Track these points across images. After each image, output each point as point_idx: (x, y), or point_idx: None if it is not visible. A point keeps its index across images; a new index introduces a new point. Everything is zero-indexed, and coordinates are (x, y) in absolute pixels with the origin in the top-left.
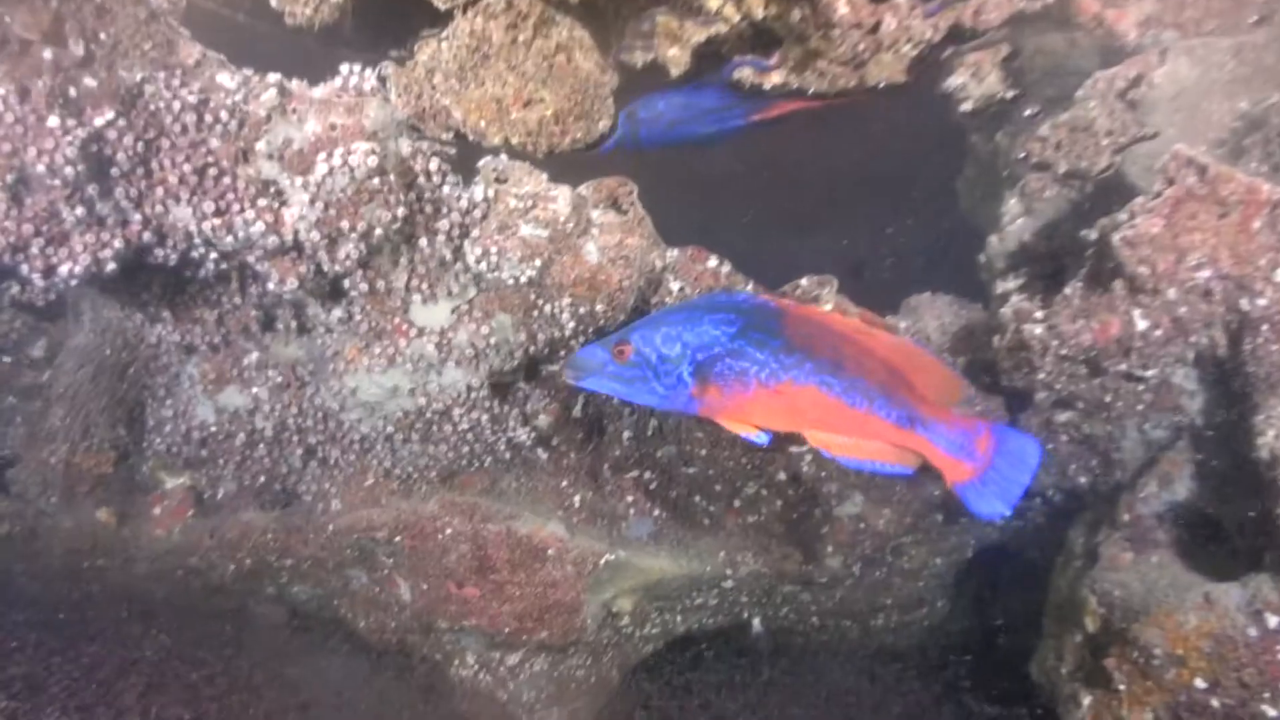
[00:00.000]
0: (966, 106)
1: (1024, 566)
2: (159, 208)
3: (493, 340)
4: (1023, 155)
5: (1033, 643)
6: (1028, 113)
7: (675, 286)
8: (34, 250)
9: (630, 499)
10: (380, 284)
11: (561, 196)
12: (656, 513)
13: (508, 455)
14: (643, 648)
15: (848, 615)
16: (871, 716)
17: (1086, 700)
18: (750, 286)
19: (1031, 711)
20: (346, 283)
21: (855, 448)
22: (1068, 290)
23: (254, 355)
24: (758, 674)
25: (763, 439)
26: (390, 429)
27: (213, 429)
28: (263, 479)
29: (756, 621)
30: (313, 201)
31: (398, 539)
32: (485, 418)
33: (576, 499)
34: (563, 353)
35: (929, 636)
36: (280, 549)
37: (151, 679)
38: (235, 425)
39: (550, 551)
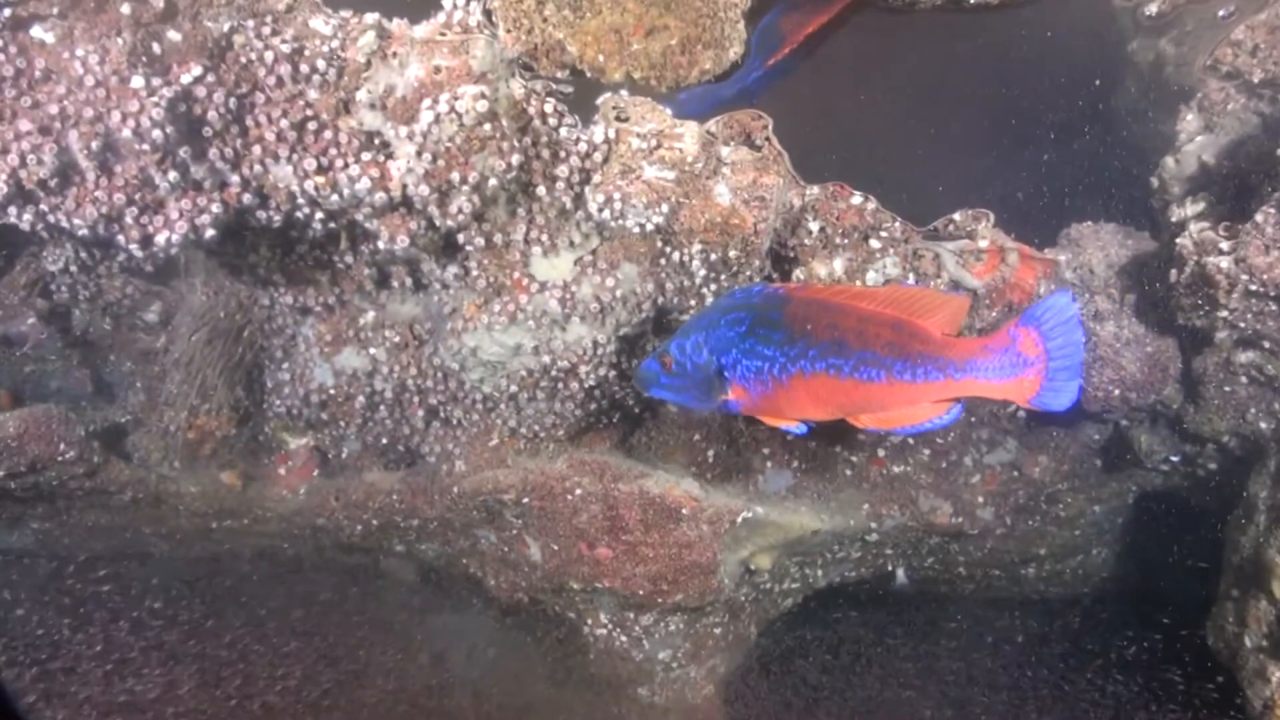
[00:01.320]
0: (1151, 10)
1: (1193, 516)
2: (257, 167)
3: (619, 293)
4: (1210, 62)
5: (1200, 598)
6: (1222, 13)
7: (815, 227)
8: (128, 220)
9: (766, 451)
10: (497, 237)
11: (689, 134)
12: (794, 464)
13: (637, 410)
14: (782, 602)
15: (997, 565)
16: (1017, 674)
17: (1275, 675)
18: (896, 224)
19: (1202, 675)
20: (461, 237)
21: (904, 417)
22: (1258, 218)
23: (370, 315)
24: (902, 622)
25: (801, 429)
26: (514, 388)
27: (331, 391)
28: (385, 440)
29: (900, 572)
30: (420, 153)
31: (525, 500)
32: (613, 374)
33: (710, 453)
34: (693, 302)
35: (1084, 585)
36: (406, 510)
37: (285, 626)
38: (354, 387)
39: (684, 511)
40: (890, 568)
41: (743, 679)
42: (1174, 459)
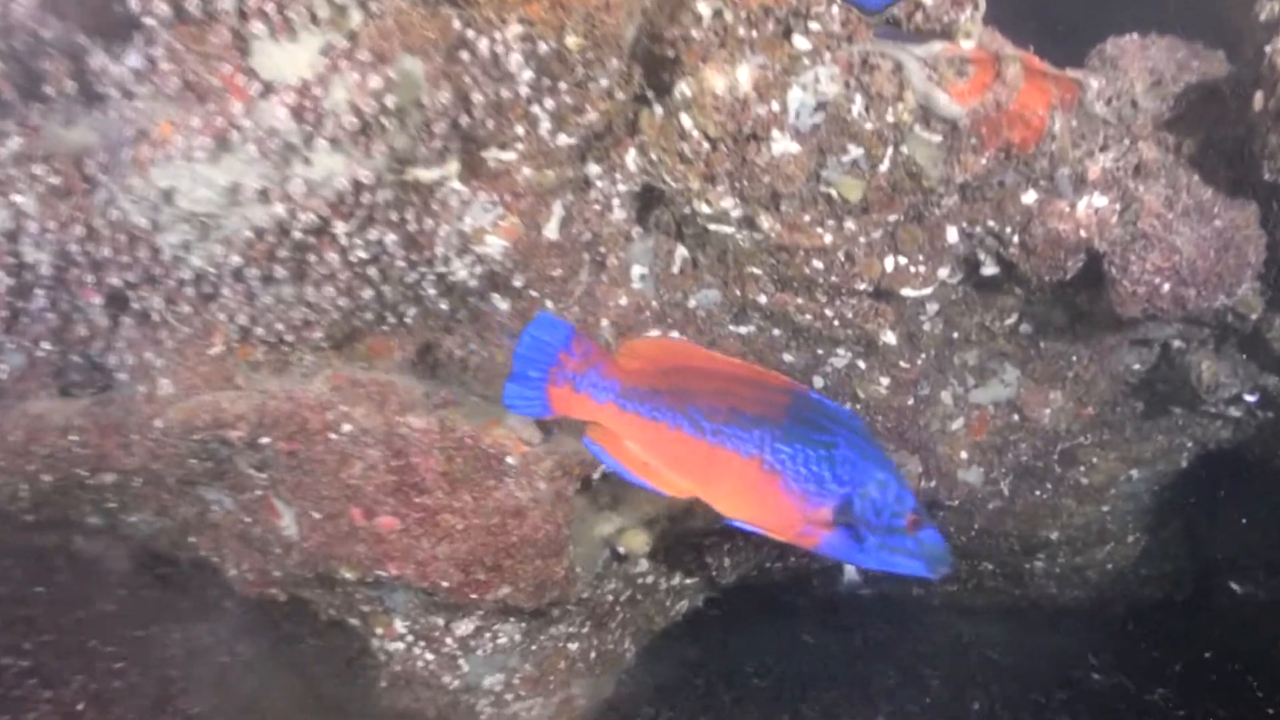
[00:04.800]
0: None
1: (1264, 483)
2: None
3: (392, 103)
4: None
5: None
6: None
7: (706, 10)
8: None
9: None
10: (194, 2)
11: None
12: None
13: (443, 305)
14: (673, 606)
15: (989, 555)
16: None
17: None
18: (834, 8)
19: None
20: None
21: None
22: None
23: (12, 141)
24: (850, 646)
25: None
26: (237, 259)
27: None
28: (51, 346)
29: (849, 568)
30: None
31: (266, 440)
32: (393, 239)
33: None
34: (522, 130)
35: (1115, 587)
36: (94, 458)
37: None
38: None
39: (511, 460)
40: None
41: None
42: (1250, 398)
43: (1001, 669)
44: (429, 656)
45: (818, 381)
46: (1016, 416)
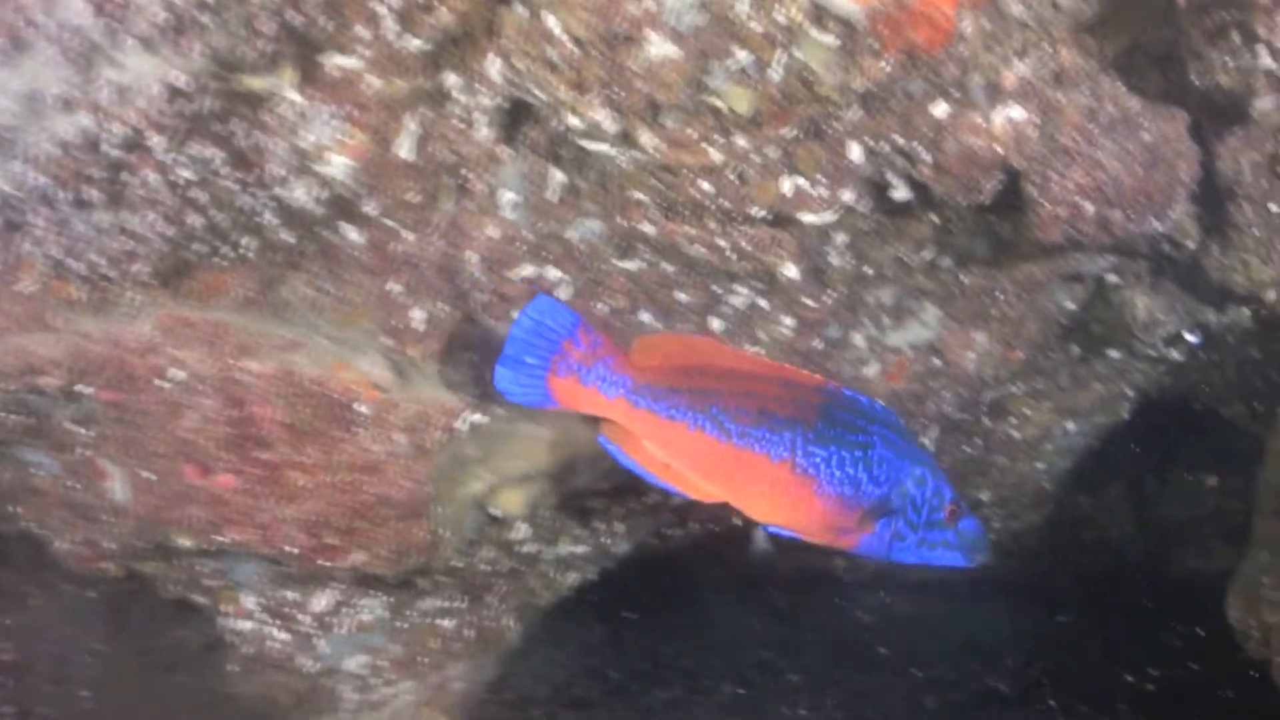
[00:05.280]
0: None
1: (1215, 437)
2: None
3: None
4: None
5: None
6: None
7: None
8: None
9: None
10: None
11: None
12: None
13: (287, 236)
14: (560, 578)
15: None
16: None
17: None
18: None
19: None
20: None
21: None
22: None
23: None
24: (767, 620)
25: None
26: (42, 180)
27: None
28: None
29: (759, 533)
30: None
31: (85, 388)
32: (221, 156)
33: (417, 314)
34: (366, 33)
35: (1055, 556)
36: None
37: None
38: None
39: (363, 408)
40: (735, 518)
41: (499, 708)
42: (1191, 338)
43: (933, 649)
44: (283, 636)
45: (715, 324)
46: (937, 361)
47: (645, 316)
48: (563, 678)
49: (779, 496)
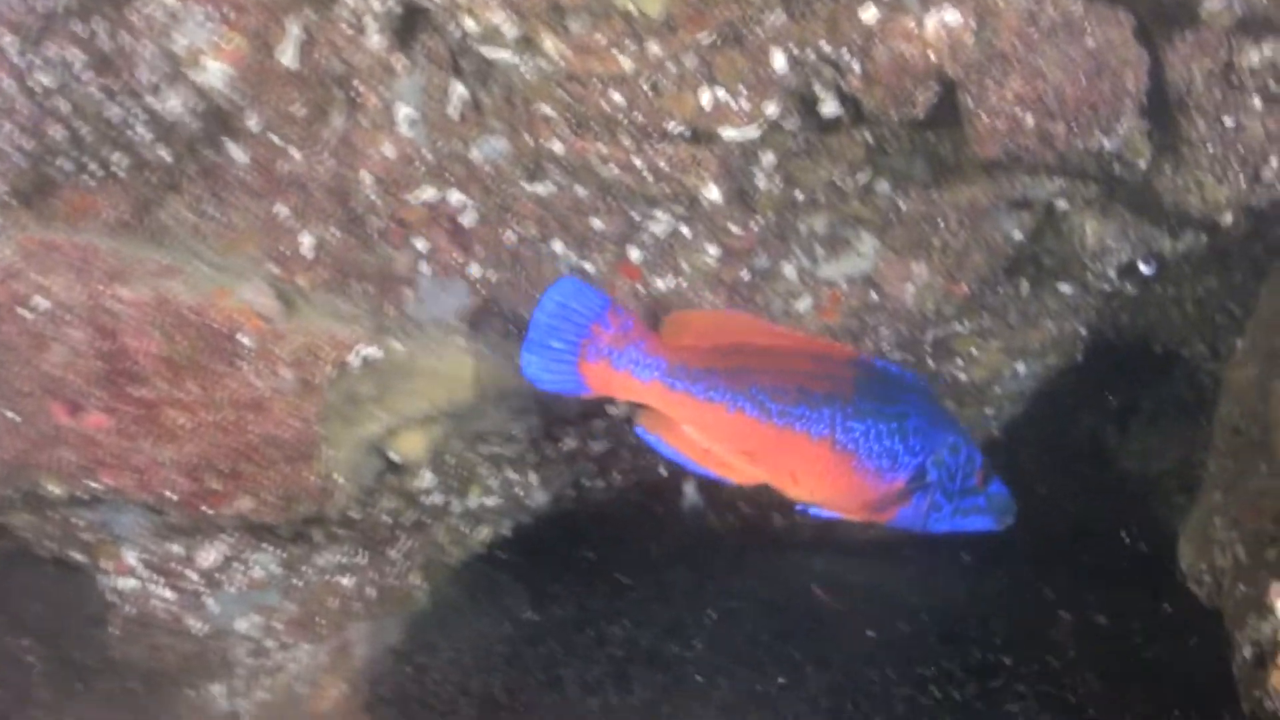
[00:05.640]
0: None
1: (1176, 380)
2: None
3: None
4: None
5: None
6: None
7: None
8: None
9: (422, 242)
10: None
11: None
12: (476, 270)
13: (163, 153)
14: (470, 532)
15: None
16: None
17: None
18: None
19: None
20: None
21: None
22: None
23: None
24: (700, 585)
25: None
26: None
27: None
28: None
29: (690, 485)
30: None
31: None
32: (82, 59)
33: (306, 240)
34: None
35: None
36: None
37: None
38: None
39: (245, 340)
40: (661, 469)
41: (405, 674)
42: (1146, 269)
43: (884, 619)
44: (168, 595)
45: (635, 254)
46: (874, 295)
47: (558, 246)
48: (475, 644)
49: (820, 475)
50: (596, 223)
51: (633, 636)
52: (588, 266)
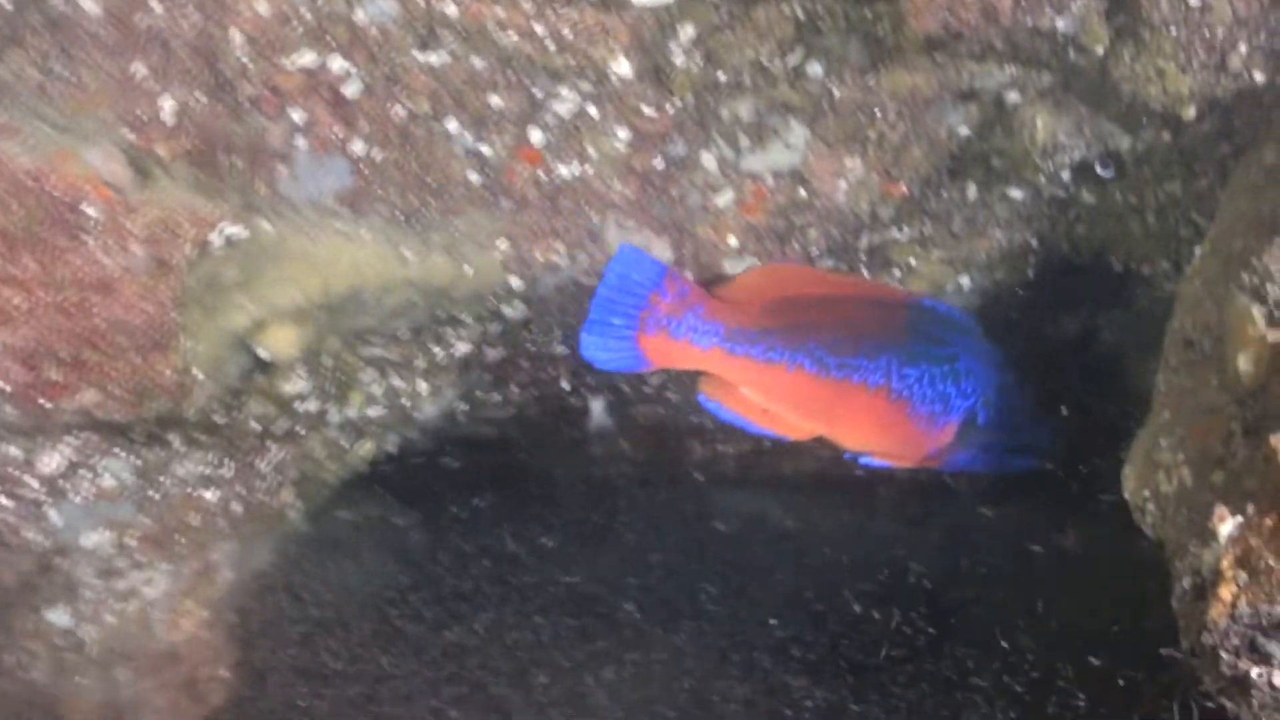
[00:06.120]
0: None
1: (1140, 304)
2: None
3: None
4: None
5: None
6: None
7: None
8: None
9: (299, 114)
10: None
11: None
12: (359, 149)
13: (3, 1)
14: (351, 448)
15: None
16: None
17: (1226, 527)
18: None
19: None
20: None
21: None
22: None
23: None
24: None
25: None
26: None
27: None
28: None
29: (598, 402)
30: None
31: None
32: None
33: (167, 104)
34: None
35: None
36: None
37: None
38: None
39: (90, 211)
40: (563, 382)
41: (275, 602)
42: (1104, 172)
43: (813, 562)
44: (4, 503)
45: (536, 136)
46: (804, 191)
47: (452, 125)
48: (356, 572)
49: (876, 424)
50: (495, 99)
51: (532, 570)
52: (484, 149)
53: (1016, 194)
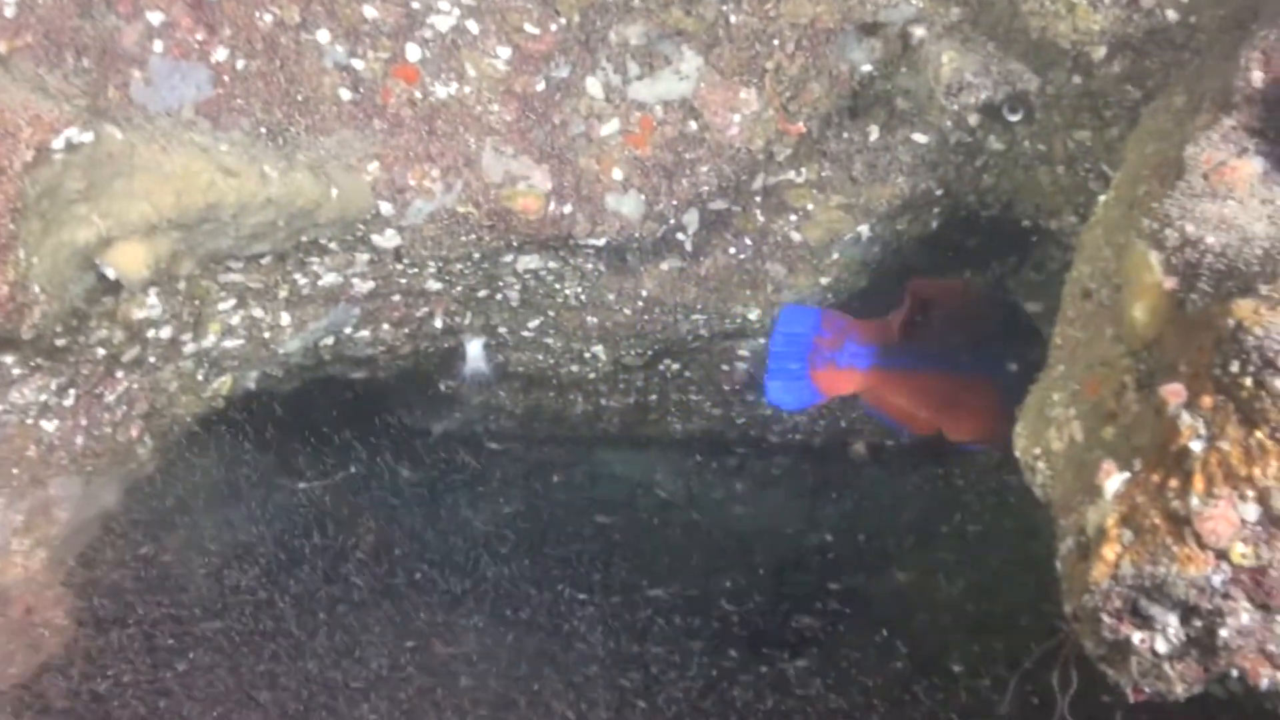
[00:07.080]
0: None
1: (1054, 261)
2: None
3: None
4: None
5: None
6: None
7: None
8: None
9: (156, 15)
10: None
11: None
12: (221, 56)
13: None
14: (207, 383)
15: (668, 346)
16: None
17: (1113, 484)
18: None
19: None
20: None
21: None
22: None
23: None
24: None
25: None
26: None
27: None
28: None
29: (474, 344)
30: None
31: None
32: None
33: None
34: None
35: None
36: None
37: None
38: None
39: None
40: (436, 320)
41: (120, 545)
42: (1012, 117)
43: (694, 539)
44: None
45: (413, 52)
46: (694, 124)
47: (323, 36)
48: (209, 515)
49: (985, 414)
50: (369, 10)
51: (397, 528)
52: (356, 64)
53: (921, 138)
